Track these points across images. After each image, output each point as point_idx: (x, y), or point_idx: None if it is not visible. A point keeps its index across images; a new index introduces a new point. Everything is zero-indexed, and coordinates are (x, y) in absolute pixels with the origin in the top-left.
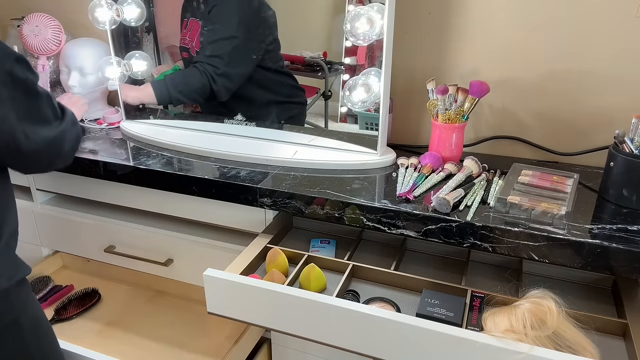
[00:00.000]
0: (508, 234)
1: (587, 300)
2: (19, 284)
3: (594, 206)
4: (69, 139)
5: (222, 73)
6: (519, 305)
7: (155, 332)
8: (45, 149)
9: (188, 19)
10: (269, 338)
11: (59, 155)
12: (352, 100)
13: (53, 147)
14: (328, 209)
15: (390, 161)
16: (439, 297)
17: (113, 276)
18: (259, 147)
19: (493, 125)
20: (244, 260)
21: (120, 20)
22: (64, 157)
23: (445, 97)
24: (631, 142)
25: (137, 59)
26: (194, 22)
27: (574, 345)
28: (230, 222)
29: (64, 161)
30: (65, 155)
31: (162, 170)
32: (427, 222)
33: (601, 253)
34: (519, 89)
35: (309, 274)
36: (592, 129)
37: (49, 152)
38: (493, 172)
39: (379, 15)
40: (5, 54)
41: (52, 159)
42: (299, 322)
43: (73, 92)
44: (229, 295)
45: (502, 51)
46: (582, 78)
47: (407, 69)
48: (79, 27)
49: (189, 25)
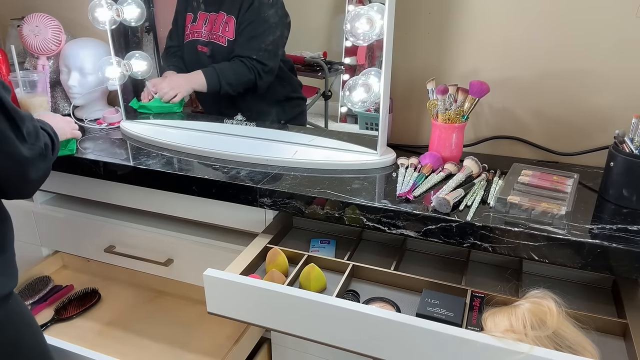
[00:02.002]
0: (508, 234)
1: (587, 300)
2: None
3: (594, 206)
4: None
5: (269, 70)
6: (519, 305)
7: (155, 332)
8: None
9: (209, 12)
10: (269, 338)
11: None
12: (352, 100)
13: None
14: (328, 209)
15: (390, 161)
16: (439, 297)
17: (113, 276)
18: (259, 147)
19: (493, 125)
20: (244, 260)
21: (120, 20)
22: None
23: (445, 97)
24: (631, 142)
25: (137, 59)
26: (218, 15)
27: (574, 345)
28: (230, 222)
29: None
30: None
31: (162, 170)
32: (427, 222)
33: (601, 253)
34: (519, 88)
35: (309, 274)
36: (592, 129)
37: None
38: (493, 172)
39: (379, 15)
40: None
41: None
42: (299, 322)
43: (73, 92)
44: (229, 295)
45: (502, 51)
46: (582, 78)
47: (407, 69)
48: (79, 27)
49: (209, 19)
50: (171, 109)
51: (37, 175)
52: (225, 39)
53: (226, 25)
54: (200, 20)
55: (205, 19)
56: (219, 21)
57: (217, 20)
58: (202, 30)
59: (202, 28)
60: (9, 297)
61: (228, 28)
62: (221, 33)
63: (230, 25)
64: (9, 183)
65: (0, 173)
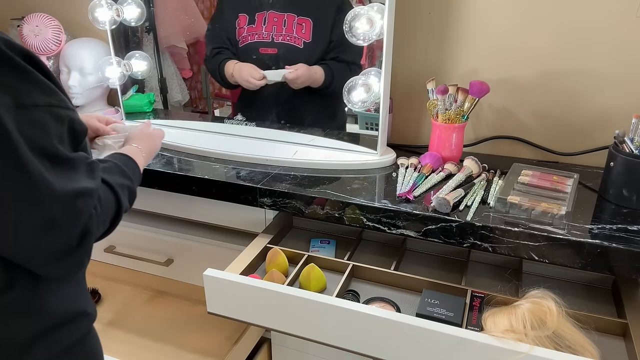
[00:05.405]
0: (508, 234)
1: (587, 300)
2: None
3: (594, 206)
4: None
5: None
6: (519, 305)
7: (155, 332)
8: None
9: (267, 12)
10: (269, 338)
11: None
12: (352, 100)
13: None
14: (328, 209)
15: (390, 161)
16: (439, 297)
17: (113, 276)
18: (259, 147)
19: (493, 125)
20: (244, 260)
21: (120, 20)
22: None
23: (445, 97)
24: (631, 142)
25: (137, 59)
26: (286, 16)
27: (574, 345)
28: (230, 222)
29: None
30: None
31: (162, 170)
32: (427, 222)
33: (601, 253)
34: (519, 89)
35: (309, 274)
36: (592, 129)
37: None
38: (493, 172)
39: (379, 15)
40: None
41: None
42: (299, 322)
43: (73, 92)
44: (229, 295)
45: (502, 51)
46: (582, 78)
47: (407, 69)
48: (79, 27)
49: (268, 19)
50: (141, 109)
51: (70, 265)
52: (301, 41)
53: (301, 27)
54: (259, 21)
55: (263, 19)
56: (289, 22)
57: (287, 21)
58: (263, 31)
59: (262, 29)
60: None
61: (304, 30)
62: (296, 34)
63: (307, 27)
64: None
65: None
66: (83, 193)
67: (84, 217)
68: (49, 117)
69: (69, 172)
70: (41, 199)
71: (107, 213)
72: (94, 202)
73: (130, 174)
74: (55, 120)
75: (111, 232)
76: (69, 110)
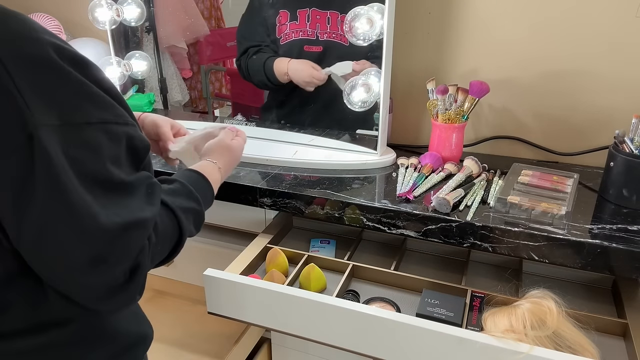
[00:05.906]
0: (508, 234)
1: (587, 300)
2: None
3: (594, 206)
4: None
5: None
6: (519, 305)
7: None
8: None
9: (310, 9)
10: (269, 338)
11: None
12: (352, 100)
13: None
14: (328, 209)
15: (390, 161)
16: (439, 297)
17: None
18: (258, 147)
19: (493, 125)
20: (244, 260)
21: (120, 20)
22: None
23: (445, 97)
24: (631, 142)
25: (137, 59)
26: (329, 13)
27: (574, 345)
28: (230, 222)
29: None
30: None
31: (162, 170)
32: (427, 222)
33: (601, 253)
34: (519, 89)
35: (309, 274)
36: (592, 129)
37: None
38: (493, 172)
39: (379, 15)
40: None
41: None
42: (299, 322)
43: None
44: (229, 295)
45: (502, 51)
46: (582, 78)
47: (407, 69)
48: (79, 27)
49: (311, 17)
50: (141, 109)
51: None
52: (347, 39)
53: (335, 22)
54: (302, 18)
55: (306, 16)
56: (333, 20)
57: (331, 18)
58: (307, 28)
59: (306, 26)
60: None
61: (340, 27)
62: (342, 32)
63: (337, 22)
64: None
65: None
66: (135, 224)
67: (134, 251)
68: (102, 136)
69: (123, 199)
70: (85, 234)
71: (165, 241)
72: (147, 232)
73: (197, 196)
74: (109, 139)
75: (171, 259)
76: (127, 126)
